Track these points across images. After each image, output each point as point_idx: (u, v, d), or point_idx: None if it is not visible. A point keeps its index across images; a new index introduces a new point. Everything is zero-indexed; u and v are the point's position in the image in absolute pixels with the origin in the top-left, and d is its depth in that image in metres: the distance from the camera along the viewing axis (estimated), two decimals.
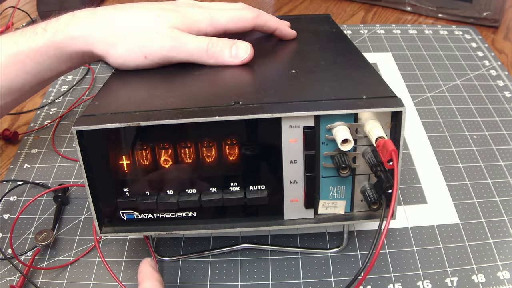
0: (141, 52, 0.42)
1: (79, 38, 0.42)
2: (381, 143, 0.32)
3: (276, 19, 0.48)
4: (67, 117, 0.62)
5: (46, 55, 0.43)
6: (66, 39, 0.42)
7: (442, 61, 0.69)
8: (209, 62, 0.42)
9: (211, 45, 0.42)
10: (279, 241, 0.45)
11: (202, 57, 0.42)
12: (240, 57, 0.42)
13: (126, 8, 0.44)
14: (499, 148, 0.55)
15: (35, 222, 0.48)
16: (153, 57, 0.42)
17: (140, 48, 0.42)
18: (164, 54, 0.42)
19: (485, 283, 0.41)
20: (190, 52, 0.42)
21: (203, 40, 0.42)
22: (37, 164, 0.55)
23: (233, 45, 0.42)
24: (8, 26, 0.79)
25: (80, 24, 0.42)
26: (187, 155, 0.35)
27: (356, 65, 0.42)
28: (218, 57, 0.42)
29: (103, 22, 0.42)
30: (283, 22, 0.49)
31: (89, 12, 0.43)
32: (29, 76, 0.44)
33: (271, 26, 0.47)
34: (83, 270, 0.43)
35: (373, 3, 0.86)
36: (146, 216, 0.38)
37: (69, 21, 0.43)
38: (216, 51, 0.42)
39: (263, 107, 0.33)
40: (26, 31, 0.44)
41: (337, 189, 0.37)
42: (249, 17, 0.45)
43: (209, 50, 0.42)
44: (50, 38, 0.42)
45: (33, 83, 0.45)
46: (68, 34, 0.42)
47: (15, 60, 0.43)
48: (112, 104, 0.37)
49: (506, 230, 0.46)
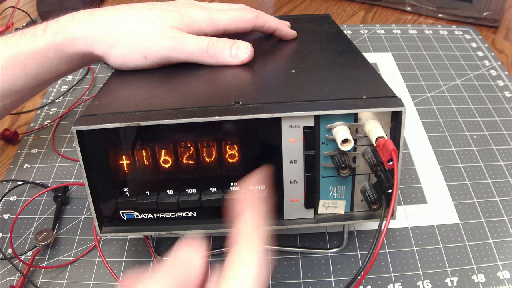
0: (141, 53, 0.42)
1: (79, 40, 0.42)
2: (381, 143, 0.32)
3: (276, 20, 0.48)
4: (67, 117, 0.62)
5: (46, 56, 0.43)
6: (66, 41, 0.42)
7: (442, 61, 0.69)
8: (209, 62, 0.42)
9: (211, 45, 0.42)
10: (279, 241, 0.45)
11: (203, 57, 0.42)
12: (240, 57, 0.42)
13: (126, 8, 0.44)
14: (499, 148, 0.55)
15: (35, 222, 0.48)
16: (153, 58, 0.42)
17: (140, 49, 0.42)
18: (164, 54, 0.42)
19: (485, 283, 0.41)
20: (191, 52, 0.42)
21: (204, 40, 0.42)
22: (37, 164, 0.55)
23: (233, 45, 0.42)
24: (8, 26, 0.79)
25: (80, 25, 0.42)
26: (187, 155, 0.35)
27: (356, 65, 0.42)
28: (218, 57, 0.42)
29: (102, 23, 0.42)
30: (283, 22, 0.49)
31: (88, 13, 0.43)
32: (29, 77, 0.44)
33: (271, 27, 0.47)
34: (83, 270, 0.43)
35: (373, 3, 0.86)
36: (146, 216, 0.38)
37: (69, 22, 0.43)
38: (216, 51, 0.42)
39: (263, 107, 0.33)
40: (26, 33, 0.44)
41: (337, 189, 0.37)
42: (249, 17, 0.45)
43: (209, 50, 0.42)
44: (50, 39, 0.42)
45: (33, 85, 0.45)
46: (68, 35, 0.42)
47: (15, 62, 0.43)
48: (112, 104, 0.37)
49: (506, 230, 0.46)
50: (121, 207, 0.37)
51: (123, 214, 0.38)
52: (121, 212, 0.38)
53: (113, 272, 0.42)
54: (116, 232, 0.38)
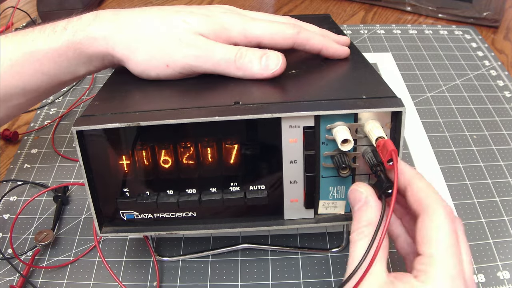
0: (163, 60, 0.38)
1: (99, 39, 0.39)
2: (381, 143, 0.32)
3: (321, 38, 0.41)
4: (67, 117, 0.62)
5: (64, 55, 0.40)
6: (86, 39, 0.39)
7: (442, 61, 0.69)
8: (237, 74, 0.38)
9: (239, 55, 0.38)
10: (279, 241, 0.45)
11: (230, 69, 0.38)
12: (270, 69, 0.38)
13: (153, 10, 0.41)
14: (499, 148, 0.55)
15: (35, 222, 0.48)
16: (175, 67, 0.39)
17: (162, 56, 0.38)
18: (187, 63, 0.38)
19: (485, 283, 0.41)
20: (217, 63, 0.38)
21: (231, 50, 0.38)
22: (37, 164, 0.55)
23: (263, 56, 0.38)
24: (8, 26, 0.79)
25: (101, 24, 0.39)
26: (187, 155, 0.35)
27: (356, 65, 0.42)
28: (246, 69, 0.38)
29: (125, 24, 0.39)
30: (329, 39, 0.42)
31: (113, 13, 0.40)
32: (45, 77, 0.41)
33: (315, 45, 0.41)
34: (83, 270, 0.43)
35: (373, 3, 0.86)
36: (146, 216, 0.38)
37: (91, 20, 0.40)
38: (245, 62, 0.38)
39: (263, 107, 0.33)
40: (45, 28, 0.41)
41: (337, 189, 0.37)
42: (288, 32, 0.40)
43: (237, 61, 0.38)
44: (69, 37, 0.40)
45: (49, 85, 0.42)
46: (88, 34, 0.39)
47: (32, 59, 0.40)
48: (112, 104, 0.37)
49: (506, 230, 0.46)
50: (121, 207, 0.37)
51: (123, 214, 0.38)
52: (121, 212, 0.38)
53: (113, 272, 0.42)
54: (116, 232, 0.38)
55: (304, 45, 0.41)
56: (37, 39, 0.40)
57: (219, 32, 0.39)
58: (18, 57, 0.40)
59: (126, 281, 0.42)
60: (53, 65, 0.41)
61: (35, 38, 0.40)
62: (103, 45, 0.40)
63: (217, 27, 0.39)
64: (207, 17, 0.40)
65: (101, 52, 0.40)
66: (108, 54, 0.40)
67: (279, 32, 0.40)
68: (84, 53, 0.40)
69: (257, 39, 0.40)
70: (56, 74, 0.42)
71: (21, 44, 0.41)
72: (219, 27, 0.39)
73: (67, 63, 0.41)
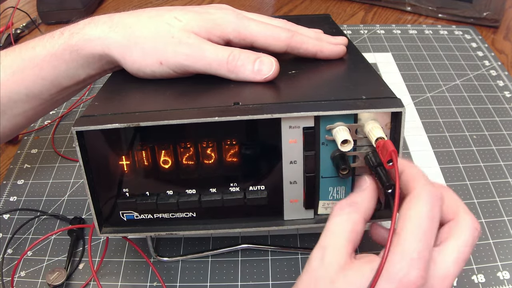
0: (156, 57, 0.38)
1: (94, 40, 0.40)
2: (381, 143, 0.32)
3: (315, 42, 0.41)
4: (67, 117, 0.62)
5: (62, 58, 0.41)
6: (82, 41, 0.40)
7: (442, 61, 0.69)
8: (229, 76, 0.38)
9: (232, 57, 0.37)
10: (279, 241, 0.45)
11: (222, 70, 0.38)
12: (263, 74, 0.38)
13: (147, 10, 0.41)
14: (499, 148, 0.55)
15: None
16: (168, 64, 0.39)
17: (155, 52, 0.38)
18: (179, 62, 0.38)
19: (485, 283, 0.41)
20: (209, 63, 0.38)
21: (224, 51, 0.38)
22: (37, 164, 0.55)
23: (257, 59, 0.38)
24: (8, 26, 0.79)
25: (96, 26, 0.40)
26: (186, 155, 0.35)
27: (356, 65, 0.42)
28: (239, 72, 0.38)
29: (119, 24, 0.40)
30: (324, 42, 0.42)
31: (108, 16, 0.41)
32: (46, 82, 0.42)
33: (309, 49, 0.41)
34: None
35: (373, 3, 0.86)
36: (146, 216, 0.38)
37: (86, 23, 0.41)
38: (237, 65, 0.38)
39: (263, 108, 0.33)
40: (45, 36, 0.42)
41: (337, 190, 0.37)
42: (282, 35, 0.40)
43: (230, 63, 0.37)
44: (66, 40, 0.41)
45: (51, 91, 0.43)
46: (84, 36, 0.40)
47: (32, 64, 0.41)
48: (112, 104, 0.37)
49: (506, 230, 0.46)
50: (121, 207, 0.37)
51: (123, 214, 0.38)
52: (121, 212, 0.38)
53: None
54: (116, 232, 0.38)
55: (298, 48, 0.41)
56: (36, 46, 0.42)
57: (212, 29, 0.39)
58: (19, 64, 0.41)
59: (126, 281, 0.42)
60: (52, 69, 0.41)
61: (35, 45, 0.42)
62: (99, 45, 0.40)
63: (210, 24, 0.39)
64: (200, 14, 0.40)
65: (97, 53, 0.40)
66: (104, 55, 0.41)
67: (273, 33, 0.40)
68: (81, 55, 0.41)
69: (251, 37, 0.40)
70: (55, 79, 0.42)
71: (21, 52, 0.42)
72: (212, 24, 0.39)
73: (65, 66, 0.41)
